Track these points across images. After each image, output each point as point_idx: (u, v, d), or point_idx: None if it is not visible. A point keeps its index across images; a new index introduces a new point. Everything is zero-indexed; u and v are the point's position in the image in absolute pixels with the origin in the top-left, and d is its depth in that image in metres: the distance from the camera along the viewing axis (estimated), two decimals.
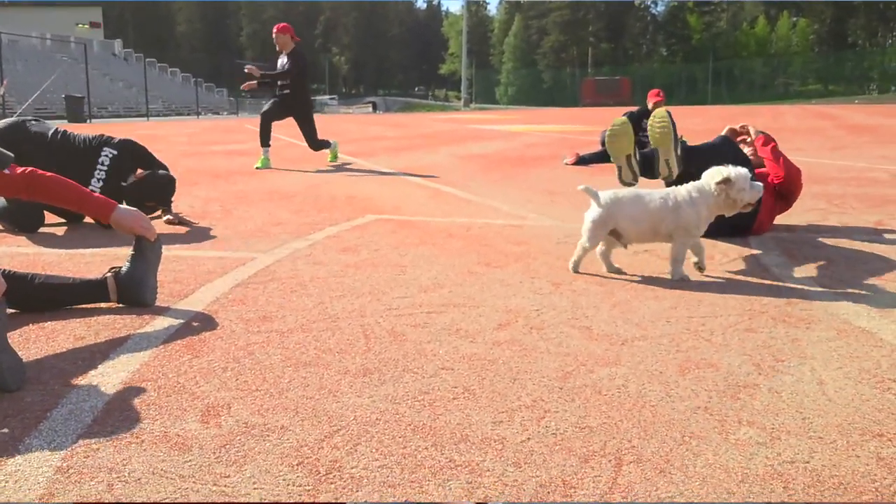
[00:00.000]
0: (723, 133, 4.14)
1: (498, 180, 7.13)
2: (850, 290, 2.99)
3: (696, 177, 3.24)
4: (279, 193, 6.13)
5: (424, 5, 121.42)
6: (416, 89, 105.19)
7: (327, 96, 72.48)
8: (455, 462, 1.61)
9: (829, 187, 6.28)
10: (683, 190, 3.17)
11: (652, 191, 3.22)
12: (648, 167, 3.77)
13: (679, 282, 3.13)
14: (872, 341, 2.37)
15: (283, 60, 8.59)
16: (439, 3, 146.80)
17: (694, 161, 3.70)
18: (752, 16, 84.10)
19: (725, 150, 3.90)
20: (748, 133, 4.23)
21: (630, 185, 3.76)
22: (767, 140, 4.18)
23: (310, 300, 2.89)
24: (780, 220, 4.43)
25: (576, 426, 1.78)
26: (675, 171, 3.67)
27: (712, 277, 3.21)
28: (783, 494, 1.47)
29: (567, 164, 8.62)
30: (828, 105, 43.69)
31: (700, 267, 3.19)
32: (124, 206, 2.86)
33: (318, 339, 2.43)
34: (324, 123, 9.01)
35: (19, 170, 2.69)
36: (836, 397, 1.94)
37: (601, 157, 8.63)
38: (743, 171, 3.14)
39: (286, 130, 9.08)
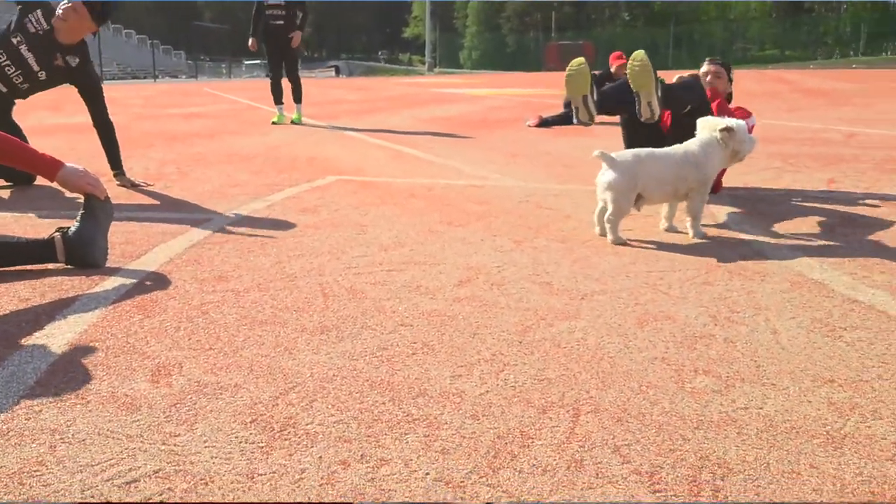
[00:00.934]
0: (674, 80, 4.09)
1: (460, 142, 7.08)
2: (803, 244, 3.03)
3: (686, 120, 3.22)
4: (239, 155, 6.01)
5: None
6: (380, 53, 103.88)
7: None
8: (412, 416, 1.59)
9: (785, 147, 6.35)
10: (695, 146, 3.13)
11: (666, 150, 3.16)
12: (604, 106, 3.76)
13: (699, 238, 3.12)
14: (824, 292, 2.40)
15: None
16: None
17: (672, 100, 3.70)
18: None
19: (697, 86, 3.90)
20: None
21: (586, 124, 3.75)
22: (713, 96, 4.16)
23: (267, 260, 2.84)
24: (735, 178, 4.47)
25: (534, 378, 1.77)
26: (657, 113, 3.66)
27: (672, 235, 3.22)
28: (737, 439, 1.48)
29: (530, 126, 8.59)
30: (784, 70, 44.13)
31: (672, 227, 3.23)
32: (71, 164, 2.76)
33: (275, 297, 2.39)
34: (287, 87, 8.84)
35: None
36: (790, 346, 1.96)
37: (564, 119, 8.63)
38: (741, 122, 3.13)
39: (245, 93, 8.87)
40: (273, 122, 8.83)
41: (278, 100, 8.91)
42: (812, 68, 43.86)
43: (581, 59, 3.71)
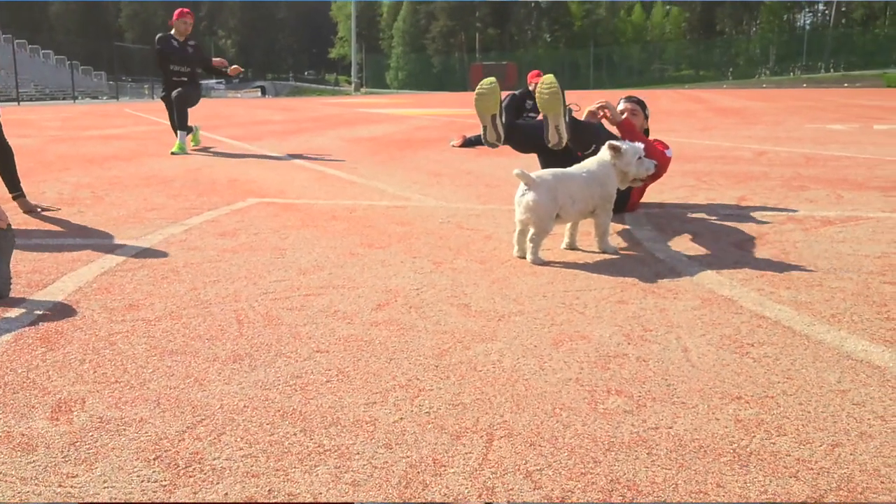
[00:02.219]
0: (583, 115, 4.16)
1: (385, 162, 7.07)
2: (714, 261, 3.12)
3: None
4: (157, 178, 5.86)
5: None
6: (306, 73, 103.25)
7: (213, 80, 70.05)
8: (324, 447, 1.56)
9: (698, 165, 6.56)
10: (594, 164, 3.21)
11: (572, 169, 3.22)
12: (512, 136, 3.81)
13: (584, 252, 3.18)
14: (734, 309, 2.48)
15: (191, 48, 8.31)
16: None
17: (580, 132, 3.76)
18: (629, 4, 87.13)
19: (603, 131, 3.97)
20: (606, 113, 4.05)
21: (493, 145, 3.79)
22: (630, 128, 4.24)
23: (181, 286, 2.76)
24: (651, 196, 4.59)
25: (449, 403, 1.77)
26: (565, 138, 3.71)
27: (588, 252, 3.28)
28: (647, 460, 1.50)
29: (454, 146, 8.66)
30: (699, 89, 45.76)
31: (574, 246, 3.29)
32: None
33: (188, 326, 2.32)
34: (212, 107, 8.71)
35: None
36: (699, 363, 2.00)
37: None
38: (636, 146, 3.21)
39: (167, 115, 8.66)
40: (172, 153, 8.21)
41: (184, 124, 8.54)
42: (725, 87, 45.60)
43: (492, 79, 3.74)
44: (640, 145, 3.26)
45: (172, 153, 7.86)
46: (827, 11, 76.96)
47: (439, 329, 2.29)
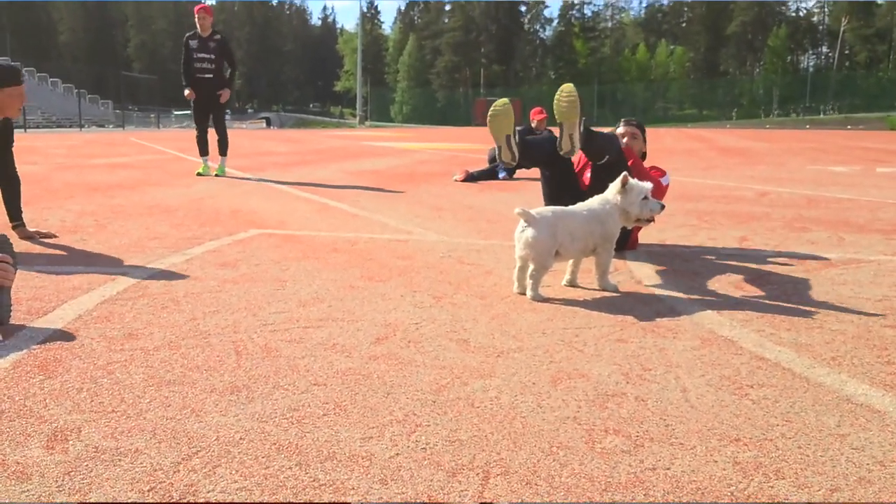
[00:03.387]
0: None
1: (387, 196, 7.10)
2: (714, 301, 3.12)
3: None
4: (160, 207, 5.89)
5: (319, 22, 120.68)
6: (311, 105, 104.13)
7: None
8: (319, 481, 1.55)
9: (700, 204, 6.59)
10: (596, 203, 3.24)
11: (573, 207, 3.24)
12: (524, 153, 3.84)
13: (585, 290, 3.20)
14: (733, 349, 2.47)
15: (214, 43, 8.43)
16: (334, 20, 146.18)
17: (593, 144, 3.79)
18: (634, 43, 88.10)
19: (616, 140, 4.01)
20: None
21: (510, 165, 3.83)
22: (628, 154, 4.28)
23: (181, 316, 2.76)
24: (652, 235, 4.60)
25: (446, 440, 1.76)
26: (577, 147, 3.74)
27: (588, 290, 3.28)
28: (644, 502, 1.49)
29: (457, 180, 8.70)
30: (702, 129, 46.10)
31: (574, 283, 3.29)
32: None
33: (186, 356, 2.32)
34: (215, 137, 8.77)
35: None
36: (698, 404, 2.00)
37: (489, 174, 8.79)
38: (643, 185, 3.23)
39: (172, 144, 8.74)
40: (198, 174, 8.70)
41: (204, 151, 8.82)
42: (728, 127, 45.91)
43: (505, 100, 3.80)
44: (648, 185, 3.27)
45: (216, 174, 8.43)
46: (831, 54, 77.79)
47: (438, 364, 2.29)
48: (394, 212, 5.85)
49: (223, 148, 8.83)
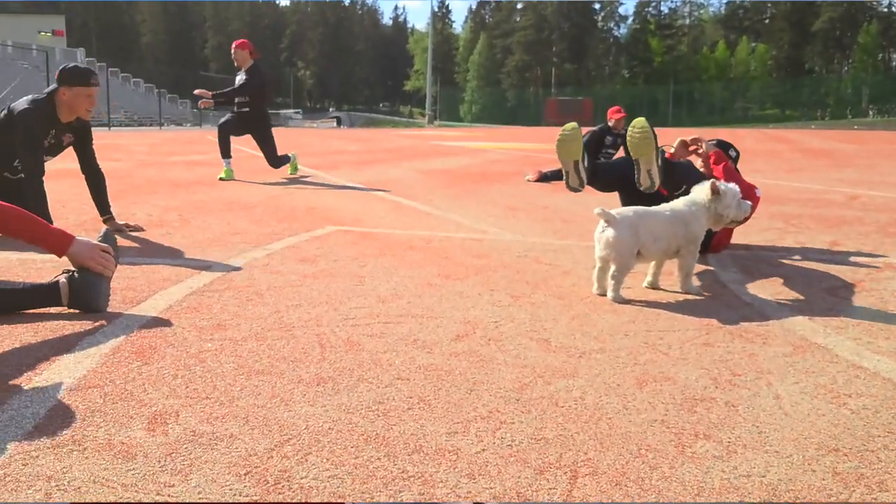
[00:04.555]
0: (674, 145, 4.15)
1: (460, 195, 7.13)
2: (805, 307, 3.03)
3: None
4: (239, 203, 6.05)
5: (390, 22, 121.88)
6: (381, 105, 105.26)
7: (292, 110, 72.08)
8: (408, 473, 1.57)
9: (786, 208, 6.40)
10: (681, 204, 3.19)
11: (656, 208, 3.20)
12: (595, 176, 3.80)
13: (691, 293, 3.18)
14: (828, 357, 2.40)
15: (241, 76, 8.43)
16: (405, 19, 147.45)
17: (671, 173, 3.73)
18: (713, 40, 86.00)
19: (694, 170, 3.94)
20: (700, 146, 4.15)
21: (576, 190, 3.79)
22: (719, 159, 4.20)
23: (265, 309, 2.84)
24: (737, 238, 4.49)
25: (532, 438, 1.76)
26: (657, 182, 3.67)
27: (671, 293, 3.23)
28: None
29: (529, 180, 8.67)
30: (785, 129, 44.67)
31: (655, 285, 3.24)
32: (83, 239, 2.77)
33: (273, 347, 2.38)
34: (288, 137, 8.95)
35: None
36: (793, 412, 1.94)
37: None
38: (734, 187, 3.18)
39: (248, 143, 8.97)
40: (220, 179, 8.22)
41: (225, 153, 8.46)
42: (814, 128, 44.35)
43: (574, 124, 3.72)
44: (737, 187, 3.22)
45: (220, 179, 8.13)
46: None
47: (519, 363, 2.29)
48: (467, 211, 5.87)
49: (282, 162, 8.66)
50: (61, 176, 5.00)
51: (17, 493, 1.44)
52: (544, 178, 8.63)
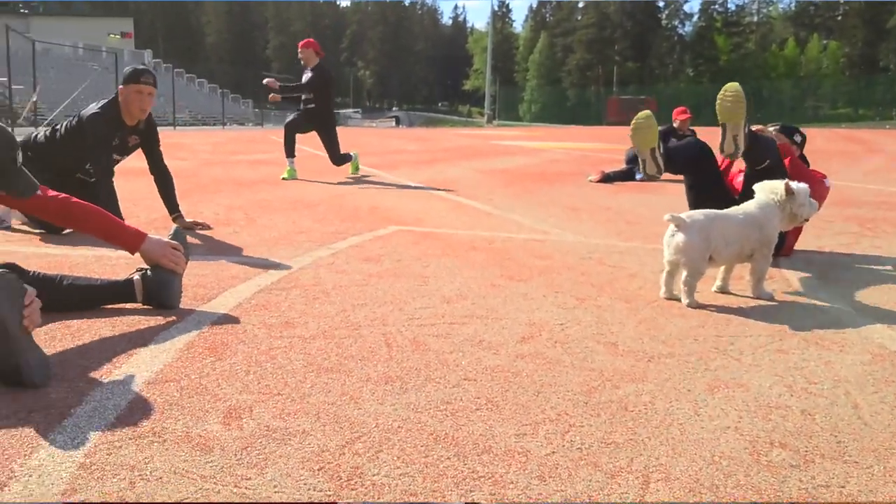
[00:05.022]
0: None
1: (520, 195, 7.11)
2: (884, 314, 2.93)
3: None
4: (303, 202, 6.15)
5: (450, 21, 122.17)
6: (440, 104, 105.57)
7: (351, 109, 72.96)
8: (478, 473, 1.58)
9: (861, 210, 6.20)
10: (754, 207, 3.13)
11: (727, 211, 3.15)
12: (671, 162, 3.75)
13: (763, 299, 3.13)
14: None
15: (307, 75, 8.59)
16: (465, 19, 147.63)
17: (756, 145, 3.67)
18: (782, 37, 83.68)
19: (775, 146, 3.87)
20: (763, 132, 4.02)
21: (654, 178, 3.75)
22: (786, 152, 4.08)
23: (332, 307, 2.88)
24: (810, 242, 4.37)
25: (602, 441, 1.75)
26: (741, 149, 3.63)
27: (741, 298, 3.16)
28: None
29: (592, 181, 8.59)
30: (858, 129, 43.19)
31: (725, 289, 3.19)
32: (155, 237, 2.86)
33: (340, 345, 2.42)
34: (347, 136, 8.99)
35: (51, 194, 2.72)
36: (872, 422, 1.88)
37: (626, 175, 8.61)
38: (804, 186, 3.12)
39: (309, 142, 9.10)
40: (283, 178, 8.34)
41: (290, 152, 8.58)
42: (888, 128, 42.77)
43: (648, 112, 3.71)
44: (806, 185, 3.14)
45: (283, 178, 8.27)
46: None
47: (586, 366, 2.27)
48: (528, 211, 5.85)
49: (345, 159, 8.78)
50: (132, 175, 5.16)
51: (102, 482, 1.49)
52: (607, 178, 8.54)
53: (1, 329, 1.93)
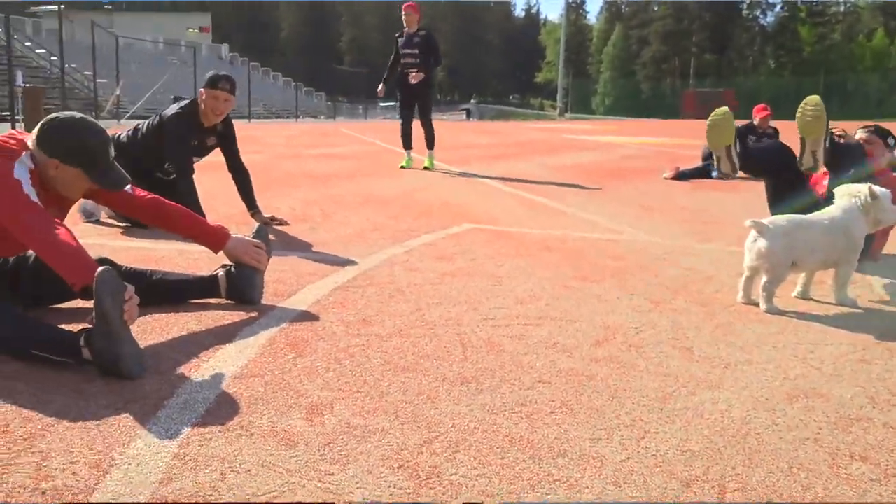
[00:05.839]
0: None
1: (593, 192, 7.06)
2: None
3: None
4: (376, 198, 6.25)
5: (523, 13, 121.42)
6: (511, 97, 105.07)
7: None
8: (553, 476, 1.61)
9: None
10: (838, 212, 3.05)
11: (811, 216, 3.09)
12: (747, 164, 3.69)
13: (846, 306, 3.06)
14: None
15: (412, 39, 8.81)
16: (538, 10, 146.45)
17: (841, 156, 3.60)
18: (870, 28, 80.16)
19: (858, 150, 3.77)
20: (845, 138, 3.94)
21: (728, 176, 3.70)
22: (874, 155, 3.95)
23: (407, 306, 2.94)
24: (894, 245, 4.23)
25: (677, 449, 1.75)
26: (820, 165, 3.57)
27: (823, 304, 3.09)
28: None
29: (666, 178, 8.45)
30: None
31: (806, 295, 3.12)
32: (237, 236, 2.98)
33: (416, 344, 2.47)
34: (419, 129, 9.08)
35: (141, 193, 2.86)
36: None
37: (702, 172, 8.44)
38: (886, 190, 3.03)
39: (380, 135, 9.21)
40: (401, 167, 9.02)
41: (407, 144, 9.15)
42: None
43: (725, 109, 3.66)
44: (887, 190, 3.04)
45: (425, 167, 8.74)
46: None
47: (661, 371, 2.27)
48: (601, 209, 5.81)
49: (430, 142, 9.08)
50: (210, 170, 5.33)
51: (196, 472, 1.59)
52: (682, 175, 8.39)
53: (103, 323, 2.06)
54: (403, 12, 8.83)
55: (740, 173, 3.76)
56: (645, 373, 2.25)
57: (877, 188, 3.03)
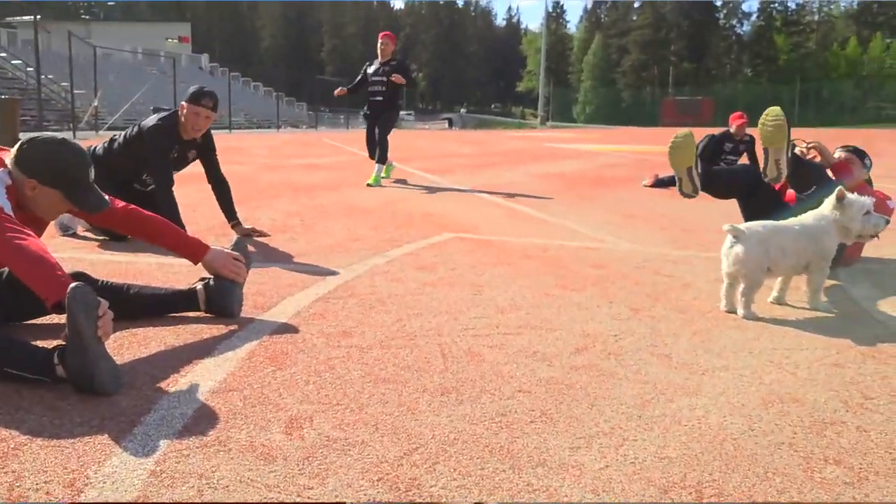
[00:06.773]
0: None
1: (575, 201, 7.10)
2: None
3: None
4: (357, 209, 6.25)
5: (503, 23, 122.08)
6: (493, 106, 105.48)
7: (404, 112, 73.47)
8: (533, 486, 1.62)
9: None
10: (811, 218, 3.09)
11: (785, 222, 3.12)
12: (712, 182, 3.75)
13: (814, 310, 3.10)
14: None
15: (382, 67, 8.70)
16: (518, 20, 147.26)
17: (801, 170, 3.64)
18: (844, 36, 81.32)
19: (822, 170, 3.81)
20: (817, 155, 3.95)
21: (690, 196, 3.76)
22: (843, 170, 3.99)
23: (388, 317, 2.94)
24: (872, 250, 4.28)
25: (655, 456, 1.77)
26: (784, 174, 3.61)
27: (798, 309, 3.13)
28: None
29: (646, 185, 8.52)
30: None
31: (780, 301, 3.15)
32: (217, 248, 2.97)
33: (397, 356, 2.48)
34: (401, 138, 9.10)
35: (119, 204, 2.85)
36: None
37: None
38: (863, 200, 3.05)
39: (362, 145, 9.21)
40: (383, 177, 8.72)
41: (373, 156, 8.82)
42: None
43: (687, 130, 3.74)
44: (869, 199, 3.07)
45: (368, 185, 8.35)
46: None
47: (640, 378, 2.29)
48: (583, 218, 5.84)
49: (382, 157, 8.83)
50: (191, 181, 5.30)
51: (172, 489, 1.58)
52: (661, 183, 8.46)
53: (77, 340, 2.04)
54: (380, 41, 8.74)
55: (702, 193, 3.80)
56: (624, 380, 2.27)
57: (850, 194, 3.06)
